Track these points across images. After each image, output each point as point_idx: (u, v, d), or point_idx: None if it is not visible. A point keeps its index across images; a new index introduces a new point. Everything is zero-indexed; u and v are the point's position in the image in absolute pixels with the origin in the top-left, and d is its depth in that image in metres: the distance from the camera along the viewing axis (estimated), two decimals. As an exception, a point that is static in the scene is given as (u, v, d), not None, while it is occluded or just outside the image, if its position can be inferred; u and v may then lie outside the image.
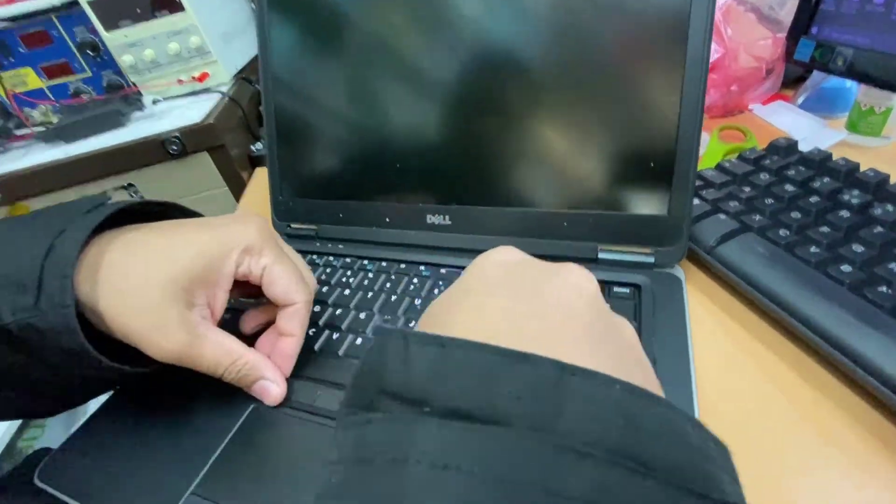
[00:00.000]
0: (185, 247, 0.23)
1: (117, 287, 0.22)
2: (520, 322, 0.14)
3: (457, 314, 0.14)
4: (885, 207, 0.28)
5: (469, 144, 0.33)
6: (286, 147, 0.40)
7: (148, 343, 0.22)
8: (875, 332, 0.22)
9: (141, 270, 0.22)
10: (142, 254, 0.23)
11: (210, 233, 0.24)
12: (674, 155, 0.28)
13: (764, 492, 0.19)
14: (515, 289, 0.15)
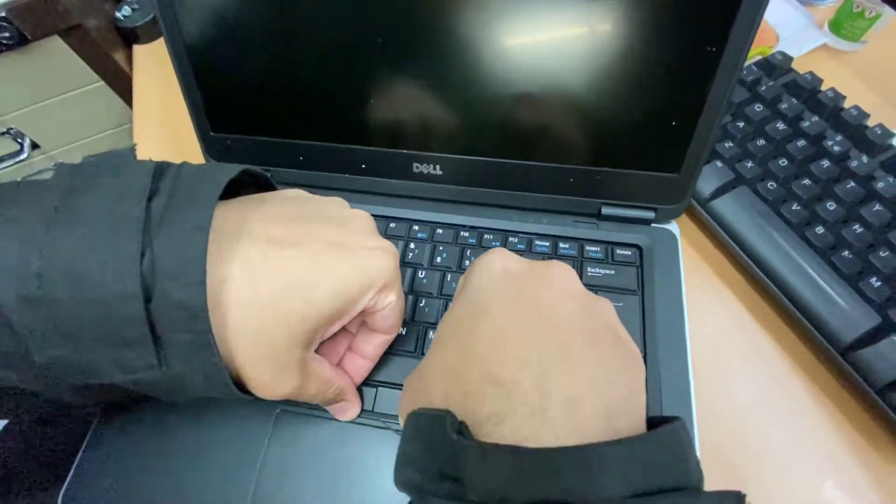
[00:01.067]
0: (322, 282, 0.19)
1: (238, 327, 0.17)
2: (534, 340, 0.15)
3: (479, 342, 0.16)
4: (861, 159, 0.29)
5: (470, 81, 0.27)
6: (210, 63, 0.29)
7: (260, 388, 0.19)
8: (832, 298, 0.26)
9: (269, 312, 0.18)
10: (268, 284, 0.18)
11: (350, 264, 0.19)
12: (699, 116, 0.26)
13: (727, 410, 0.25)
14: (523, 306, 0.17)
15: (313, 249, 0.19)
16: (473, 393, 0.15)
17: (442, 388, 0.16)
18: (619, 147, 0.28)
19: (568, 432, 0.13)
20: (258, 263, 0.18)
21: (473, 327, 0.16)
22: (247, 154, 0.33)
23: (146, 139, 0.40)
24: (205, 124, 0.32)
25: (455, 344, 0.17)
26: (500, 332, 0.16)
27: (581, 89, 0.26)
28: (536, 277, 0.18)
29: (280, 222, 0.19)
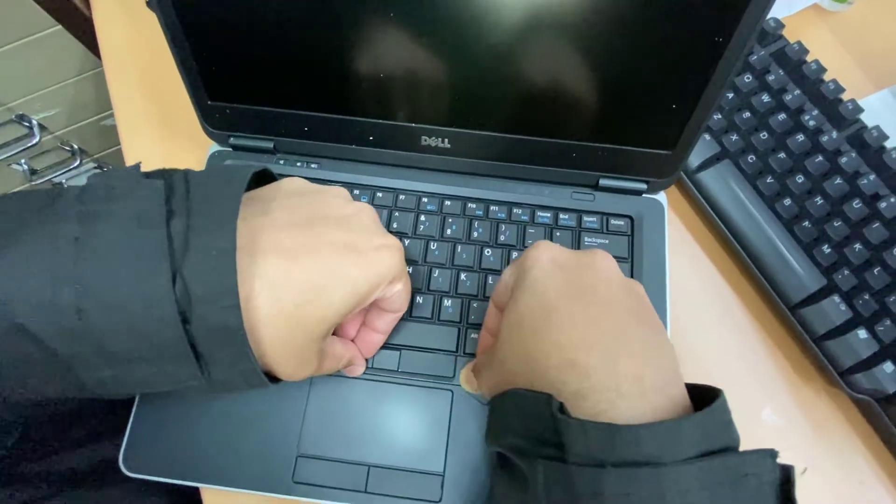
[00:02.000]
0: (336, 287, 0.20)
1: (267, 335, 0.19)
2: (598, 327, 0.18)
3: (551, 333, 0.19)
4: (832, 134, 0.32)
5: (478, 56, 0.27)
6: (206, 25, 0.27)
7: (286, 376, 0.21)
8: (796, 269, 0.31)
9: (292, 320, 0.19)
10: (289, 297, 0.19)
11: (360, 266, 0.21)
12: (698, 100, 0.27)
13: (695, 353, 0.31)
14: (580, 296, 0.19)
15: (324, 257, 0.20)
16: (555, 376, 0.18)
17: (524, 372, 0.19)
18: (620, 126, 0.29)
19: (637, 404, 0.16)
20: (277, 279, 0.19)
21: (544, 320, 0.19)
22: (248, 124, 0.32)
23: (125, 96, 0.38)
24: (201, 92, 0.30)
25: (530, 334, 0.19)
26: (568, 322, 0.18)
27: (589, 70, 0.27)
28: (585, 267, 0.21)
29: (289, 232, 0.20)
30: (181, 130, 0.36)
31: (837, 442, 0.30)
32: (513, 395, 0.19)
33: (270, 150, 0.33)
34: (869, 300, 0.29)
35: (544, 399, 0.17)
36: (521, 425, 0.18)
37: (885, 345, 0.29)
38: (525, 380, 0.19)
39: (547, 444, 0.16)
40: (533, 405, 0.17)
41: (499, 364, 0.21)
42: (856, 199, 0.31)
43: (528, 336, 0.19)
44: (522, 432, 0.17)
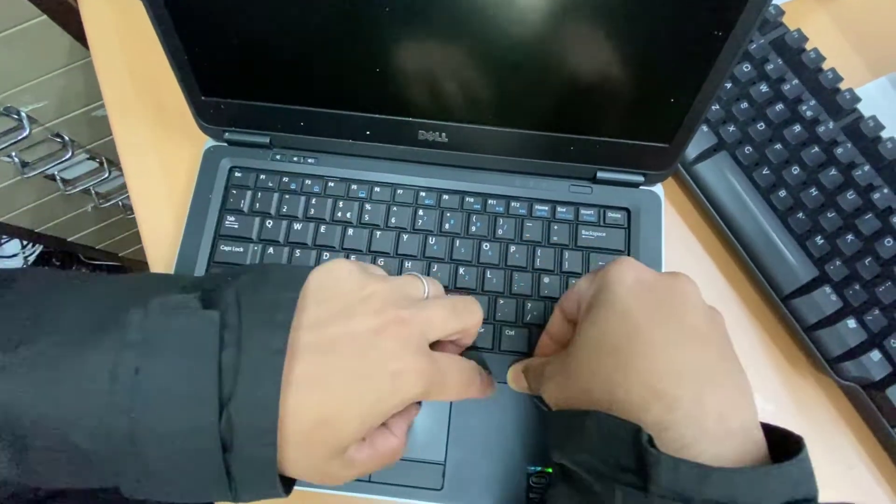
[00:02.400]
0: (351, 415, 0.19)
1: (288, 457, 0.19)
2: (684, 357, 0.18)
3: (635, 357, 0.18)
4: (828, 125, 0.33)
5: (475, 50, 0.27)
6: (198, 18, 0.27)
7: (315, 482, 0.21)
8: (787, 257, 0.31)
9: (308, 445, 0.19)
10: (304, 422, 0.19)
11: (377, 394, 0.20)
12: (696, 94, 0.27)
13: None
14: (667, 321, 0.19)
15: (336, 387, 0.19)
16: (637, 403, 0.18)
17: (602, 391, 0.19)
18: (618, 119, 0.29)
19: (721, 443, 0.16)
20: (295, 408, 0.19)
21: (627, 341, 0.19)
22: (243, 119, 0.32)
23: (116, 90, 0.37)
24: (194, 88, 0.30)
25: (610, 353, 0.19)
26: (652, 347, 0.18)
27: (587, 63, 0.27)
28: (670, 290, 0.20)
29: (304, 360, 0.19)
30: (175, 124, 0.35)
31: (825, 428, 0.31)
32: (596, 417, 0.18)
33: (266, 145, 0.33)
34: (859, 290, 0.30)
35: (632, 429, 0.17)
36: (600, 447, 0.18)
37: (873, 334, 0.29)
38: (601, 399, 0.19)
39: (626, 471, 0.16)
40: (617, 431, 0.17)
41: (571, 377, 0.21)
42: (850, 191, 0.31)
43: (607, 355, 0.19)
44: (601, 455, 0.17)
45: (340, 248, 0.32)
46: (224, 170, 0.33)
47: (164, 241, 0.33)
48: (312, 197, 0.32)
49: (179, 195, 0.34)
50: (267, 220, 0.32)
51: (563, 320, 0.25)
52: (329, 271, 0.22)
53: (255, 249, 0.31)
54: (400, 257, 0.31)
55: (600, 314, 0.20)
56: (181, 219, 0.32)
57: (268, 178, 0.33)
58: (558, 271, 0.31)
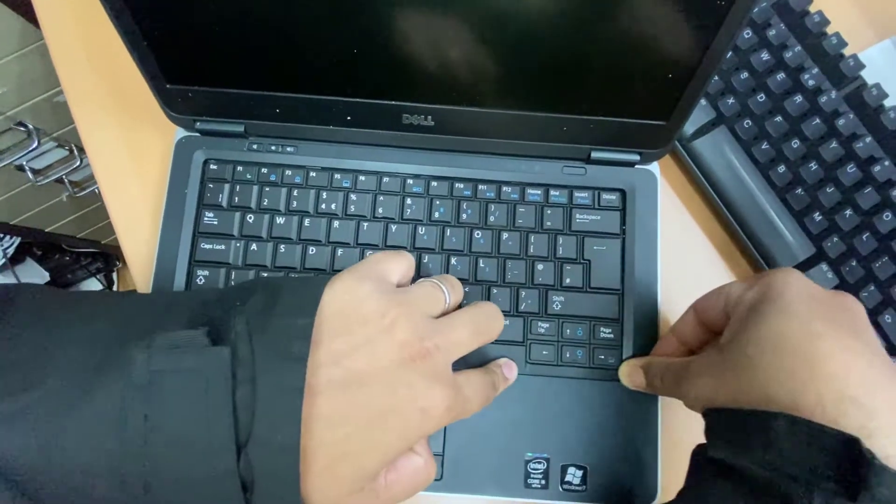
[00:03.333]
0: (372, 453, 0.19)
1: (309, 488, 0.18)
2: (873, 369, 0.18)
3: (821, 361, 0.18)
4: (831, 94, 0.31)
5: (460, 25, 0.25)
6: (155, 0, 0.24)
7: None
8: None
9: (330, 477, 0.18)
10: (325, 457, 0.18)
11: (398, 432, 0.19)
12: (696, 70, 0.26)
13: None
14: (847, 332, 0.19)
15: (365, 421, 0.19)
16: (832, 408, 0.17)
17: (784, 392, 0.18)
18: (613, 97, 0.28)
19: None
20: (317, 446, 0.18)
21: (809, 343, 0.18)
22: (215, 107, 0.30)
23: (75, 78, 0.34)
24: (157, 75, 0.28)
25: (790, 354, 0.19)
26: (840, 354, 0.18)
27: (580, 37, 0.25)
28: (843, 305, 0.20)
29: (326, 396, 0.18)
30: (144, 114, 0.33)
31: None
32: (788, 419, 0.18)
33: (241, 134, 0.31)
34: (856, 266, 0.30)
35: (843, 437, 0.16)
36: (792, 450, 0.17)
37: (869, 310, 0.29)
38: (781, 399, 0.18)
39: (826, 479, 0.16)
40: (819, 436, 0.17)
41: (737, 375, 0.20)
42: (850, 164, 0.30)
43: (788, 356, 0.19)
44: (793, 457, 0.17)
45: (327, 241, 0.30)
46: (198, 163, 0.31)
47: (141, 241, 0.32)
48: (294, 188, 0.31)
49: (153, 190, 0.33)
50: (248, 214, 0.30)
51: (696, 323, 0.25)
52: (346, 292, 0.20)
53: (237, 246, 0.30)
54: (389, 249, 0.30)
55: (772, 317, 0.20)
56: (157, 215, 0.31)
57: (245, 169, 0.31)
58: (552, 258, 0.31)
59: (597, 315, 0.30)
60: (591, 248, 0.31)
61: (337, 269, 0.30)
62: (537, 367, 0.29)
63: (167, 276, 0.30)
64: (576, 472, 0.28)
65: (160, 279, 0.29)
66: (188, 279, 0.30)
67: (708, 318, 0.24)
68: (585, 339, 0.30)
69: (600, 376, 0.29)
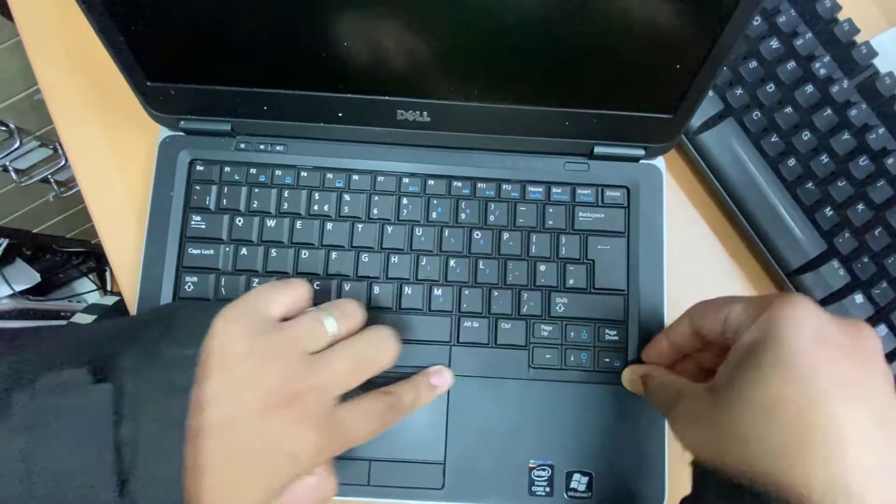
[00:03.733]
0: (258, 475, 0.19)
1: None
2: (876, 448, 0.16)
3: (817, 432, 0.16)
4: (843, 84, 0.30)
5: (458, 15, 0.24)
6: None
7: None
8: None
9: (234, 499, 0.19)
10: (228, 486, 0.18)
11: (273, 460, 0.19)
12: (705, 59, 0.24)
13: None
14: (857, 392, 0.17)
15: (236, 468, 0.19)
16: (819, 495, 0.16)
17: (771, 469, 0.17)
18: (617, 90, 0.27)
19: None
20: (194, 488, 0.18)
21: (809, 413, 0.16)
22: (199, 105, 0.28)
23: (53, 76, 0.33)
24: (138, 74, 0.26)
25: (787, 425, 0.17)
26: (843, 429, 0.16)
27: (583, 27, 0.23)
28: (859, 348, 0.18)
29: (201, 442, 0.18)
30: (126, 112, 0.31)
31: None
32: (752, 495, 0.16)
33: (228, 133, 0.30)
34: (868, 263, 0.29)
35: None
36: None
37: (880, 307, 0.29)
38: (767, 473, 0.17)
39: None
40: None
41: (723, 436, 0.18)
42: (862, 156, 0.29)
43: (781, 429, 0.17)
44: None
45: (320, 244, 0.29)
46: (184, 164, 0.30)
47: (126, 246, 0.31)
48: (285, 189, 0.30)
49: (137, 192, 0.31)
50: (237, 217, 0.29)
51: (691, 333, 0.23)
52: (220, 330, 0.20)
53: (226, 251, 0.29)
54: (385, 251, 0.29)
55: (772, 372, 0.17)
56: (142, 219, 0.29)
57: (233, 170, 0.30)
58: (555, 258, 0.30)
59: (601, 317, 0.29)
60: (595, 248, 0.30)
61: (331, 273, 0.29)
62: (540, 371, 0.29)
63: (154, 284, 0.28)
64: (581, 478, 0.28)
65: (147, 287, 0.28)
66: (176, 286, 0.28)
67: (704, 333, 0.23)
68: (590, 342, 0.29)
69: (605, 380, 0.29)
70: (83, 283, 0.92)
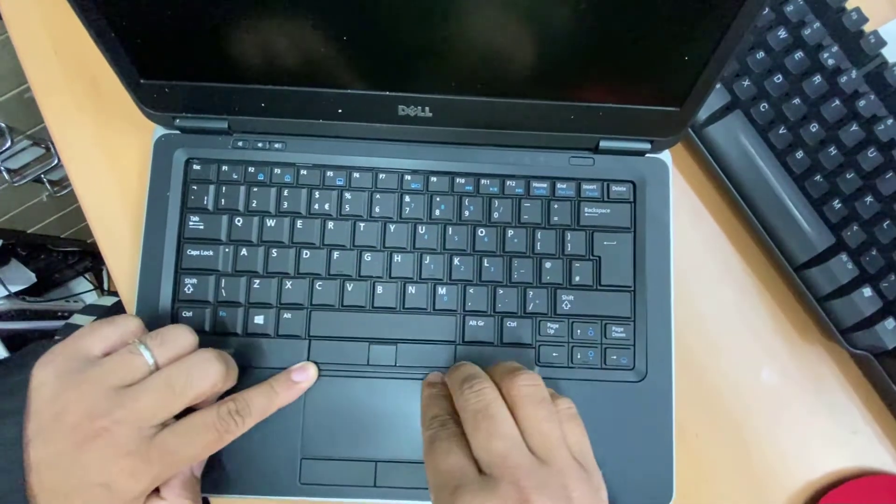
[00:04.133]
0: None
1: None
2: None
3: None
4: (851, 74, 0.29)
5: (459, 8, 0.23)
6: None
7: None
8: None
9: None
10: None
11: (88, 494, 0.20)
12: (713, 53, 0.24)
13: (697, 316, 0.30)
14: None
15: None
16: None
17: None
18: (623, 82, 0.26)
19: None
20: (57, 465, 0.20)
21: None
22: (195, 102, 0.27)
23: (42, 73, 0.32)
24: (130, 70, 0.25)
25: None
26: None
27: (588, 18, 0.23)
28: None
29: (32, 476, 0.20)
30: (119, 110, 0.31)
31: (832, 394, 0.30)
32: None
33: (225, 131, 0.29)
34: (876, 256, 0.28)
35: None
36: None
37: (889, 301, 0.28)
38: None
39: None
40: None
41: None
42: (871, 148, 0.29)
43: None
44: None
45: (321, 244, 0.29)
46: (180, 162, 0.29)
47: (123, 248, 0.30)
48: (284, 188, 0.29)
49: (133, 193, 0.31)
50: (236, 217, 0.29)
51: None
52: (34, 377, 0.21)
53: (226, 252, 0.28)
54: (388, 250, 0.29)
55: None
56: (139, 220, 0.29)
57: (231, 168, 0.29)
58: (560, 255, 0.29)
59: (608, 314, 0.29)
60: (601, 244, 0.29)
61: (333, 273, 0.28)
62: (547, 369, 0.28)
63: (153, 287, 0.28)
64: (589, 476, 0.27)
65: (145, 289, 0.28)
66: (175, 289, 0.28)
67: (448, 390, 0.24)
68: (597, 340, 0.28)
69: (613, 377, 0.28)
70: (80, 282, 0.91)
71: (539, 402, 0.21)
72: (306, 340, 0.28)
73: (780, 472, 0.30)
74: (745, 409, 0.30)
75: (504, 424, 0.20)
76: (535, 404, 0.21)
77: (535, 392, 0.21)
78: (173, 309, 0.28)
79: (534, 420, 0.21)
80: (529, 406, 0.21)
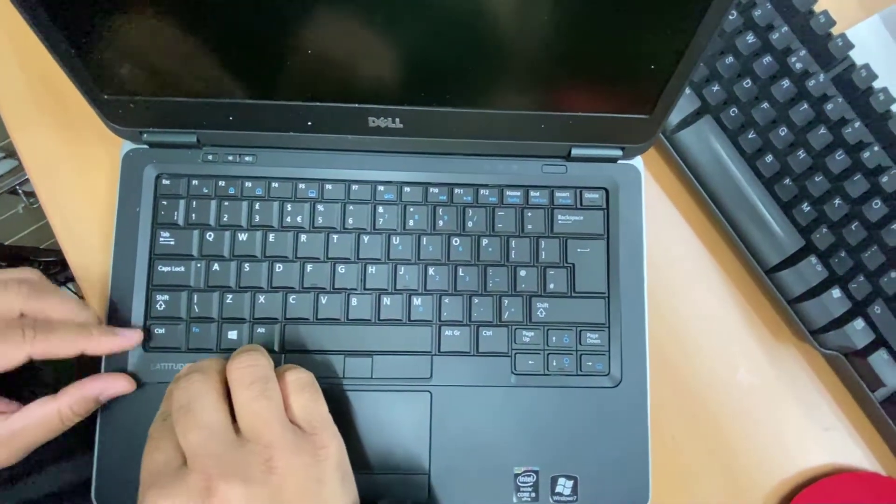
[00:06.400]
0: None
1: None
2: None
3: None
4: (819, 77, 0.30)
5: (428, 18, 0.23)
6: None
7: None
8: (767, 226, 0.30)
9: None
10: None
11: None
12: (679, 60, 0.24)
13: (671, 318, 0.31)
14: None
15: None
16: None
17: None
18: (592, 90, 0.26)
19: None
20: None
21: None
22: (162, 117, 0.27)
23: (5, 86, 0.31)
24: (92, 86, 0.25)
25: None
26: None
27: (555, 28, 0.23)
28: None
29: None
30: (86, 124, 0.30)
31: (805, 393, 0.31)
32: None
33: (194, 145, 0.29)
34: (845, 257, 0.29)
35: None
36: None
37: (857, 301, 0.29)
38: None
39: None
40: None
41: None
42: (839, 151, 0.29)
43: None
44: None
45: (294, 257, 0.28)
46: (150, 179, 0.28)
47: (93, 265, 0.30)
48: (255, 201, 0.29)
49: (102, 209, 0.30)
50: (207, 232, 0.28)
51: None
52: None
53: (198, 267, 0.28)
54: (362, 262, 0.29)
55: None
56: (109, 237, 0.28)
57: (201, 183, 0.29)
58: (535, 263, 0.29)
59: (583, 321, 0.29)
60: (575, 251, 0.29)
61: (307, 286, 0.28)
62: (524, 377, 0.28)
63: (125, 304, 0.27)
64: (566, 482, 0.28)
65: (116, 307, 0.27)
66: (147, 306, 0.28)
67: None
68: (572, 347, 0.29)
69: (588, 384, 0.28)
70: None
71: (251, 383, 0.21)
72: (281, 355, 0.28)
73: (756, 472, 0.30)
74: (720, 410, 0.31)
75: (203, 414, 0.20)
76: (247, 385, 0.21)
77: (249, 373, 0.21)
78: (145, 326, 0.27)
79: (244, 400, 0.20)
80: (240, 388, 0.21)
